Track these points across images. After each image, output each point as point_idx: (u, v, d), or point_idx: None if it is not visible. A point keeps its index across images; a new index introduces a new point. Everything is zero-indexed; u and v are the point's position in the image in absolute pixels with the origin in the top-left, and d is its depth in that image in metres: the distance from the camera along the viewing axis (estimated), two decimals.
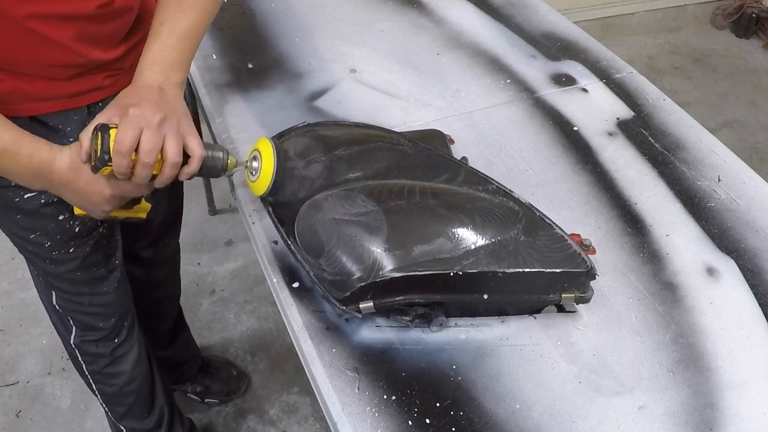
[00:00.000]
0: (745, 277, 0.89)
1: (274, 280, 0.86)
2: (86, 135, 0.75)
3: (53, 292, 1.09)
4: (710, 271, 0.90)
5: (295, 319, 0.82)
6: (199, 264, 2.01)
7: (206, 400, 1.66)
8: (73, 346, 1.17)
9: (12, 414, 1.66)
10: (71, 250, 0.99)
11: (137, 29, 0.90)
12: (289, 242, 0.81)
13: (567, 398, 0.76)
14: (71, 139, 0.86)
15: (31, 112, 0.84)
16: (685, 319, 0.84)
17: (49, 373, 1.74)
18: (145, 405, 1.33)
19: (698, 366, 0.79)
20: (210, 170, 0.81)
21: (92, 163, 0.74)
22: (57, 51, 0.80)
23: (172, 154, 0.75)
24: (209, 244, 2.08)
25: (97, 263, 1.04)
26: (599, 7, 2.98)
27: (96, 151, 0.73)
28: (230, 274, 1.99)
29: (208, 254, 2.04)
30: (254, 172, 0.84)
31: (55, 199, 0.90)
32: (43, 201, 0.91)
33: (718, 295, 0.87)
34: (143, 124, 0.74)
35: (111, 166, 0.74)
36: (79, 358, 1.20)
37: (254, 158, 0.84)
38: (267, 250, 0.90)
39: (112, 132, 0.73)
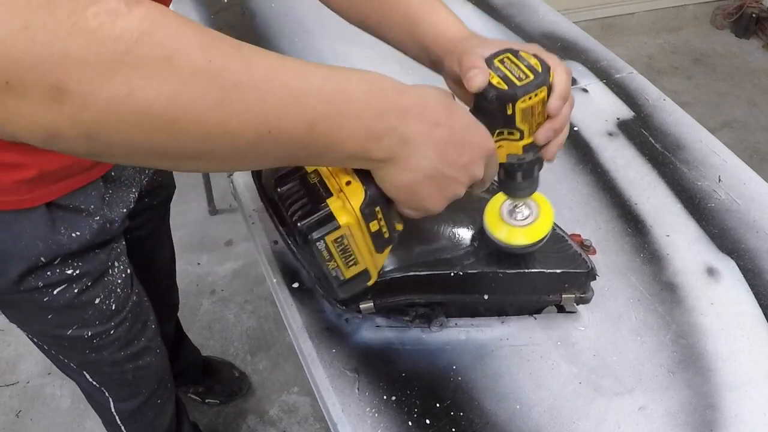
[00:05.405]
0: (745, 277, 0.89)
1: (274, 280, 0.86)
2: (478, 59, 0.59)
3: (86, 373, 0.98)
4: (710, 272, 0.90)
5: (295, 319, 0.82)
6: (199, 264, 2.01)
7: (207, 401, 1.66)
8: (113, 413, 1.09)
9: (12, 414, 1.66)
10: (112, 332, 0.90)
11: None
12: (290, 242, 0.81)
13: (567, 399, 0.76)
14: (96, 218, 0.78)
15: (49, 197, 0.73)
16: (686, 319, 0.84)
17: (49, 373, 1.74)
18: None
19: (699, 367, 0.79)
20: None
21: (506, 88, 0.57)
22: None
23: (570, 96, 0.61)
24: (209, 244, 2.08)
25: (138, 334, 0.97)
26: (599, 7, 2.98)
27: (524, 70, 0.58)
28: (230, 274, 1.99)
29: (208, 254, 2.04)
30: (519, 216, 0.75)
31: (90, 284, 0.82)
32: (76, 290, 0.81)
33: (718, 295, 0.87)
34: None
35: (543, 90, 0.58)
36: (118, 422, 1.13)
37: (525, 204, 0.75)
38: (267, 250, 0.90)
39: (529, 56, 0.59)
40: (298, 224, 0.57)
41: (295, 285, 0.85)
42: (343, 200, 0.56)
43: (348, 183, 0.57)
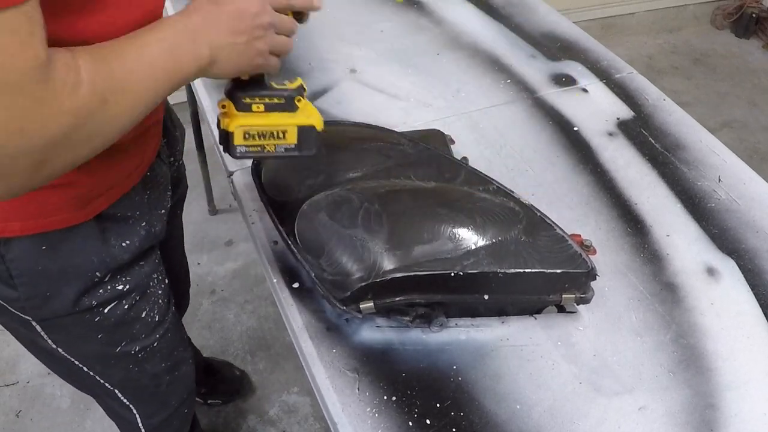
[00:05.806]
0: (745, 277, 0.89)
1: (274, 280, 0.86)
2: None
3: (117, 391, 0.96)
4: (710, 272, 0.90)
5: (295, 319, 0.82)
6: (199, 264, 2.01)
7: (209, 402, 1.66)
8: (140, 426, 1.07)
9: (12, 414, 1.66)
10: (155, 344, 0.90)
11: None
12: (289, 242, 0.81)
13: (567, 399, 0.76)
14: (143, 224, 0.79)
15: (98, 209, 0.73)
16: (686, 319, 0.84)
17: (49, 373, 1.74)
18: None
19: (699, 366, 0.79)
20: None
21: None
22: None
23: None
24: (209, 244, 2.08)
25: (177, 344, 0.97)
26: (599, 7, 2.97)
27: None
28: (230, 274, 1.99)
29: (208, 254, 2.04)
30: None
31: (138, 298, 0.83)
32: (126, 306, 0.82)
33: (718, 295, 0.87)
34: None
35: None
36: None
37: None
38: (267, 250, 0.90)
39: None
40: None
41: (295, 285, 0.85)
42: (228, 116, 0.71)
43: (224, 106, 0.72)
